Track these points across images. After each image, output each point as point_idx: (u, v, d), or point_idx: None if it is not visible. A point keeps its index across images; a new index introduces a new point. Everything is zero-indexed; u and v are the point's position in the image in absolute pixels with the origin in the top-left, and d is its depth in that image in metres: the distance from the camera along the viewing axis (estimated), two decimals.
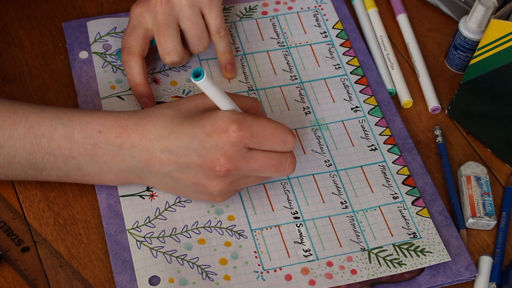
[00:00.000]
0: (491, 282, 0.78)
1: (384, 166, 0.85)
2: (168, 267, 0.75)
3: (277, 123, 0.74)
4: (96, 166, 0.75)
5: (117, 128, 0.74)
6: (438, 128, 0.90)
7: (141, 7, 0.86)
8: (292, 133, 0.75)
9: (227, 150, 0.72)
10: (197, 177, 0.74)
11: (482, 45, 0.82)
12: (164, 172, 0.75)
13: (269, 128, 0.74)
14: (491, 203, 0.82)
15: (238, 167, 0.73)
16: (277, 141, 0.74)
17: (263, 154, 0.74)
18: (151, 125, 0.74)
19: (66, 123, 0.74)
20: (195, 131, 0.73)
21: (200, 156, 0.73)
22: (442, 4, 1.00)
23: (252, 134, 0.72)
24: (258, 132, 0.73)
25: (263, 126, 0.73)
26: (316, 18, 0.97)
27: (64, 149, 0.74)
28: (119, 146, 0.74)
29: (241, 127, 0.72)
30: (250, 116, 0.74)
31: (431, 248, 0.79)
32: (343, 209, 0.81)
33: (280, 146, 0.74)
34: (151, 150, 0.74)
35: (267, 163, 0.74)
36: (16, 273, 0.75)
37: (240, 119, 0.72)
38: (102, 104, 0.86)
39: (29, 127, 0.73)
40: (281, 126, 0.74)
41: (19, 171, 0.75)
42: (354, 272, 0.77)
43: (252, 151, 0.74)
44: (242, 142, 0.72)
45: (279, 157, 0.75)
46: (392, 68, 0.94)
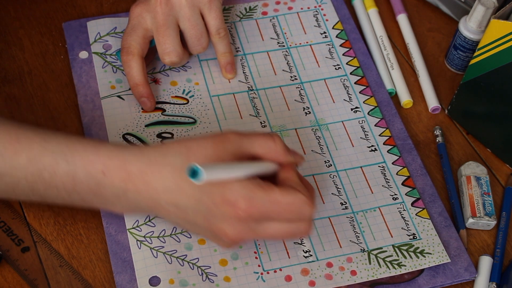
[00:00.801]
0: (491, 282, 0.79)
1: (384, 167, 0.85)
2: (168, 267, 0.75)
3: (294, 196, 0.68)
4: (101, 201, 0.72)
5: (122, 172, 0.70)
6: (438, 128, 0.90)
7: (141, 7, 0.85)
8: (310, 205, 0.69)
9: (234, 224, 0.68)
10: (206, 234, 0.72)
11: (482, 45, 0.82)
12: (172, 220, 0.73)
13: (283, 205, 0.68)
14: (491, 203, 0.82)
15: (246, 238, 0.71)
16: (292, 214, 0.69)
17: (274, 226, 0.69)
18: (158, 175, 0.70)
19: (69, 159, 0.70)
20: (202, 197, 0.68)
21: (206, 221, 0.69)
22: (442, 4, 1.00)
23: (261, 212, 0.68)
24: (269, 210, 0.68)
25: (276, 203, 0.68)
26: (316, 19, 0.97)
27: (68, 185, 0.71)
28: (124, 191, 0.71)
29: (250, 205, 0.67)
30: (262, 190, 0.68)
31: (431, 250, 0.79)
32: (343, 210, 0.81)
33: (295, 218, 0.69)
34: (158, 200, 0.70)
35: (279, 234, 0.70)
36: (16, 273, 0.75)
37: (250, 196, 0.67)
38: (102, 104, 0.86)
39: (31, 158, 0.70)
40: (298, 201, 0.68)
41: (23, 196, 0.73)
42: (354, 273, 0.77)
43: (263, 222, 0.69)
44: (251, 219, 0.68)
45: (291, 228, 0.70)
46: (392, 68, 0.94)
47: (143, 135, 0.84)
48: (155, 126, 0.85)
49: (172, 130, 0.85)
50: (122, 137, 0.84)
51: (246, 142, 0.70)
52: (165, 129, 0.85)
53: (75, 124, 0.86)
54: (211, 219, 0.69)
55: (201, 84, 0.90)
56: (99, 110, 0.86)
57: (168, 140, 0.83)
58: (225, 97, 0.89)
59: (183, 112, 0.87)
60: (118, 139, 0.84)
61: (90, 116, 0.85)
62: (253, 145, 0.71)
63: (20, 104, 0.86)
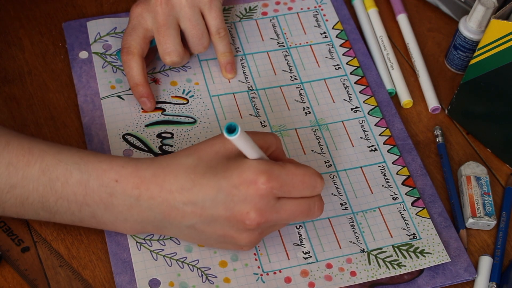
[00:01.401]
0: (491, 282, 0.79)
1: (384, 167, 0.85)
2: (168, 270, 0.75)
3: (304, 168, 0.71)
4: (112, 215, 0.72)
5: (135, 178, 0.70)
6: (438, 128, 0.90)
7: (141, 7, 0.85)
8: (320, 176, 0.72)
9: (256, 203, 0.69)
10: (225, 229, 0.71)
11: (482, 45, 0.82)
12: (187, 224, 0.71)
13: (298, 175, 0.70)
14: (491, 203, 0.82)
15: (269, 219, 0.70)
16: (306, 187, 0.71)
17: (292, 203, 0.71)
18: (172, 176, 0.70)
19: (82, 168, 0.70)
20: (221, 183, 0.69)
21: (228, 209, 0.69)
22: (442, 4, 1.00)
23: (281, 184, 0.69)
24: (287, 181, 0.70)
25: (292, 174, 0.70)
26: (316, 19, 0.97)
27: (79, 195, 0.70)
28: (137, 198, 0.70)
29: (270, 178, 0.68)
30: (277, 164, 0.70)
31: (431, 249, 0.79)
32: (343, 211, 0.81)
33: (309, 191, 0.71)
34: (173, 202, 0.70)
35: (296, 211, 0.71)
36: (16, 273, 0.75)
37: (268, 169, 0.69)
38: (102, 104, 0.86)
39: (44, 169, 0.70)
40: (309, 171, 0.71)
41: (32, 212, 0.72)
42: (353, 274, 0.77)
43: (281, 200, 0.70)
44: (272, 193, 0.69)
45: (307, 202, 0.72)
46: (392, 68, 0.94)
47: (143, 135, 0.84)
48: (155, 126, 0.85)
49: (172, 130, 0.85)
50: (122, 137, 0.84)
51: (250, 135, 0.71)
52: (165, 128, 0.85)
53: (75, 124, 0.86)
54: (232, 205, 0.69)
55: (201, 84, 0.90)
56: (99, 110, 0.86)
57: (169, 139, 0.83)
58: (225, 97, 0.89)
59: (183, 112, 0.87)
60: (118, 139, 0.84)
61: (90, 116, 0.85)
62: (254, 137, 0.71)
63: (20, 104, 0.86)
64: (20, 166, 0.69)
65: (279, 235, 0.79)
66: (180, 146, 0.84)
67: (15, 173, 0.69)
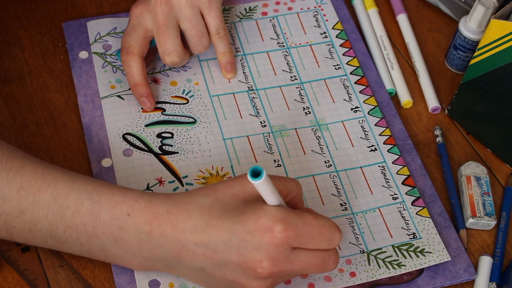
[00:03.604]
0: (491, 282, 0.79)
1: (384, 167, 0.85)
2: None
3: (323, 219, 0.69)
4: (121, 249, 0.69)
5: (148, 213, 0.68)
6: (438, 128, 0.90)
7: (141, 7, 0.86)
8: (338, 230, 0.69)
9: (270, 252, 0.66)
10: (235, 275, 0.68)
11: (482, 45, 0.82)
12: (197, 266, 0.69)
13: (316, 227, 0.67)
14: (491, 203, 0.82)
15: (282, 269, 0.67)
16: (324, 239, 0.68)
17: (307, 254, 0.68)
18: (186, 215, 0.68)
19: (95, 199, 0.68)
20: (236, 227, 0.66)
21: (240, 255, 0.67)
22: (442, 4, 1.00)
23: (298, 234, 0.66)
24: (304, 232, 0.67)
25: (310, 225, 0.67)
26: (316, 19, 0.97)
27: (89, 226, 0.68)
28: (148, 234, 0.68)
29: (287, 227, 0.66)
30: (296, 214, 0.67)
31: (431, 248, 0.79)
32: (343, 211, 0.81)
33: (326, 244, 0.68)
34: (184, 242, 0.67)
35: (311, 263, 0.68)
36: (16, 273, 0.75)
37: (285, 218, 0.66)
38: (102, 104, 0.86)
39: (56, 196, 0.68)
40: (327, 223, 0.68)
41: (40, 239, 0.70)
42: (353, 274, 0.77)
43: (296, 250, 0.67)
44: (287, 243, 0.66)
45: (323, 255, 0.69)
46: (392, 68, 0.94)
47: (143, 135, 0.84)
48: (155, 126, 0.85)
49: (172, 129, 0.85)
50: (122, 137, 0.84)
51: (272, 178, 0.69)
52: (165, 128, 0.85)
53: (75, 124, 0.86)
54: (245, 252, 0.66)
55: (201, 84, 0.90)
56: (99, 110, 0.86)
57: None
58: (225, 97, 0.89)
59: (183, 112, 0.87)
60: (118, 138, 0.84)
61: (90, 116, 0.85)
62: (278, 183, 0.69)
63: (20, 104, 0.86)
64: (31, 192, 0.68)
65: None
66: (180, 146, 0.84)
67: (26, 198, 0.68)
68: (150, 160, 0.82)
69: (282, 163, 0.84)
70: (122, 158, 0.82)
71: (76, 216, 0.68)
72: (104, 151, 0.83)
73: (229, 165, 0.83)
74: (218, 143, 0.85)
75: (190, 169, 0.82)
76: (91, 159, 0.82)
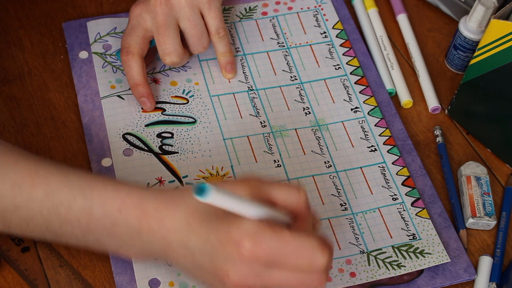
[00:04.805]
0: (491, 282, 0.79)
1: (383, 167, 0.85)
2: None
3: (304, 238, 0.63)
4: (116, 242, 0.69)
5: (138, 209, 0.67)
6: (438, 128, 0.90)
7: (141, 7, 0.85)
8: (323, 251, 0.63)
9: (237, 266, 0.63)
10: (211, 280, 0.67)
11: (482, 45, 0.82)
12: (181, 266, 0.69)
13: (291, 247, 0.63)
14: (491, 203, 0.82)
15: (250, 285, 0.64)
16: (301, 260, 0.63)
17: (282, 274, 0.64)
18: (172, 214, 0.67)
19: (87, 194, 0.68)
20: (210, 235, 0.64)
21: (212, 263, 0.65)
22: (442, 4, 1.00)
23: (268, 253, 0.62)
24: (277, 251, 0.62)
25: (285, 244, 0.62)
26: (316, 18, 0.97)
27: (83, 222, 0.68)
28: (138, 230, 0.67)
29: (256, 245, 0.62)
30: (271, 230, 0.63)
31: (431, 250, 0.79)
32: (343, 211, 0.81)
33: (306, 265, 0.63)
34: (169, 241, 0.67)
35: (285, 284, 0.64)
36: (16, 273, 0.75)
37: (256, 234, 0.62)
38: (102, 104, 0.86)
39: (49, 193, 0.68)
40: (308, 243, 0.63)
41: (37, 233, 0.70)
42: (353, 275, 0.77)
43: (271, 268, 0.63)
44: (256, 260, 0.63)
45: (302, 277, 0.64)
46: (392, 68, 0.94)
47: (143, 134, 0.84)
48: (155, 126, 0.85)
49: (172, 129, 0.85)
50: (122, 137, 0.84)
51: (267, 186, 0.67)
52: (165, 128, 0.85)
53: (75, 124, 0.86)
54: (215, 261, 0.64)
55: (201, 84, 0.90)
56: (99, 110, 0.86)
57: None
58: (225, 97, 0.89)
59: (183, 112, 0.87)
60: (118, 138, 0.84)
61: (90, 116, 0.85)
62: (273, 190, 0.67)
63: (20, 104, 0.86)
64: (25, 188, 0.68)
65: None
66: (180, 146, 0.84)
67: (19, 194, 0.68)
68: (150, 160, 0.82)
69: (282, 163, 0.84)
70: (122, 158, 0.82)
71: (69, 212, 0.68)
72: (104, 151, 0.83)
73: (229, 165, 0.83)
74: (218, 143, 0.85)
75: (190, 169, 0.82)
76: (91, 159, 0.82)
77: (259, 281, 0.64)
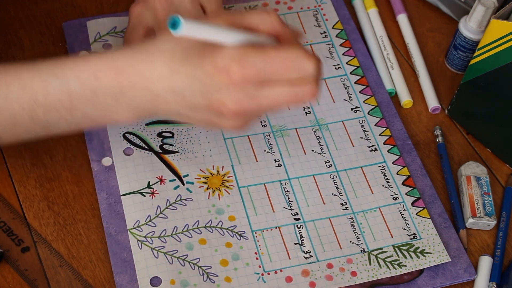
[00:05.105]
0: (491, 282, 0.79)
1: (384, 167, 0.85)
2: (169, 268, 0.75)
3: (287, 50, 0.65)
4: (102, 111, 0.70)
5: (114, 70, 0.68)
6: (438, 128, 0.90)
7: (140, 6, 0.85)
8: (310, 58, 0.65)
9: (231, 93, 0.65)
10: (207, 116, 0.68)
11: (482, 45, 0.82)
12: (172, 111, 0.69)
13: (278, 61, 0.65)
14: (491, 203, 0.83)
15: (246, 108, 0.66)
16: (289, 71, 0.65)
17: (274, 91, 0.66)
18: (150, 64, 0.67)
19: (60, 75, 0.69)
20: (196, 72, 0.66)
21: (205, 99, 0.66)
22: (442, 4, 1.00)
23: (257, 72, 0.64)
24: (265, 68, 0.64)
25: (270, 60, 0.64)
26: (316, 18, 0.97)
27: (64, 102, 0.69)
28: (120, 89, 0.68)
29: (243, 67, 0.64)
30: (254, 50, 0.65)
31: (431, 249, 0.79)
32: (343, 211, 0.81)
33: (296, 74, 0.65)
34: (155, 90, 0.67)
35: (280, 99, 0.66)
36: (16, 273, 0.75)
37: (241, 57, 0.64)
38: None
39: (23, 86, 0.69)
40: (293, 54, 0.65)
41: (26, 132, 0.71)
42: (354, 274, 0.77)
43: (263, 87, 0.65)
44: (247, 82, 0.65)
45: (293, 90, 0.66)
46: (392, 68, 0.94)
47: (144, 133, 0.84)
48: (156, 125, 0.85)
49: (172, 129, 0.85)
50: (122, 136, 0.84)
51: (239, 16, 0.68)
52: (166, 128, 0.85)
53: None
54: (208, 94, 0.66)
55: None
56: None
57: None
58: None
59: None
60: (118, 138, 0.84)
61: None
62: (245, 18, 0.68)
63: None
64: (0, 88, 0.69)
65: (280, 233, 0.79)
66: (181, 145, 0.84)
67: None
68: (151, 159, 0.82)
69: (282, 162, 0.84)
70: (122, 157, 0.82)
71: (48, 97, 0.69)
72: (104, 150, 0.83)
73: (230, 164, 0.83)
74: (219, 143, 0.85)
75: (190, 168, 0.82)
76: (91, 158, 0.82)
77: (254, 103, 0.66)
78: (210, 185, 0.82)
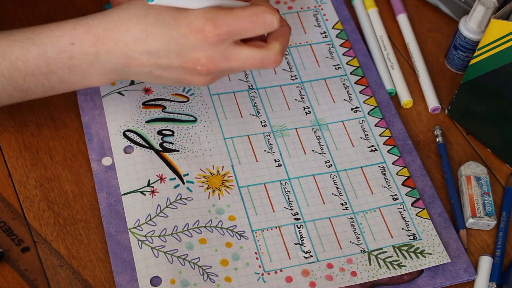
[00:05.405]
0: (491, 282, 0.79)
1: (384, 167, 0.85)
2: (169, 267, 0.75)
3: (252, 8, 0.72)
4: (78, 75, 0.75)
5: (89, 37, 0.73)
6: (438, 128, 0.90)
7: None
8: (272, 12, 0.72)
9: (206, 50, 0.72)
10: (179, 74, 0.75)
11: (482, 45, 0.82)
12: (145, 71, 0.75)
13: (244, 17, 0.72)
14: (491, 203, 0.83)
15: (219, 66, 0.73)
16: (257, 26, 0.72)
17: (244, 52, 0.73)
18: (125, 29, 0.73)
19: (37, 41, 0.73)
20: (172, 33, 0.72)
21: (180, 57, 0.73)
22: (442, 4, 1.00)
23: (228, 29, 0.71)
24: (235, 25, 0.71)
25: (238, 17, 0.71)
26: (316, 18, 0.97)
27: (42, 67, 0.74)
28: (96, 54, 0.74)
29: (216, 25, 0.71)
30: (224, 10, 0.72)
31: (431, 250, 0.79)
32: (343, 211, 0.81)
33: (262, 29, 0.73)
34: (129, 53, 0.73)
35: (248, 62, 0.74)
36: (16, 273, 0.75)
37: (213, 17, 0.71)
38: (103, 102, 0.86)
39: (2, 53, 0.73)
40: (257, 10, 0.72)
41: (6, 96, 0.76)
42: (354, 274, 0.77)
43: (234, 47, 0.73)
44: (221, 40, 0.72)
45: (261, 54, 0.74)
46: (392, 68, 0.94)
47: (144, 131, 0.84)
48: (156, 123, 0.85)
49: (172, 127, 0.85)
50: (122, 134, 0.84)
51: None
52: (166, 126, 0.85)
53: (75, 124, 0.86)
54: (183, 53, 0.72)
55: None
56: (99, 108, 0.86)
57: None
58: (225, 96, 0.89)
59: (183, 110, 0.87)
60: (118, 136, 0.84)
61: (90, 115, 0.85)
62: None
63: (20, 104, 0.86)
64: None
65: (280, 233, 0.79)
66: (181, 144, 0.84)
67: None
68: (151, 157, 0.82)
69: (282, 162, 0.84)
70: (123, 156, 0.82)
71: (27, 63, 0.73)
72: (104, 150, 0.83)
73: (230, 164, 0.83)
74: (219, 142, 0.85)
75: (190, 168, 0.82)
76: (91, 158, 0.82)
77: (225, 61, 0.73)
78: (210, 185, 0.82)
